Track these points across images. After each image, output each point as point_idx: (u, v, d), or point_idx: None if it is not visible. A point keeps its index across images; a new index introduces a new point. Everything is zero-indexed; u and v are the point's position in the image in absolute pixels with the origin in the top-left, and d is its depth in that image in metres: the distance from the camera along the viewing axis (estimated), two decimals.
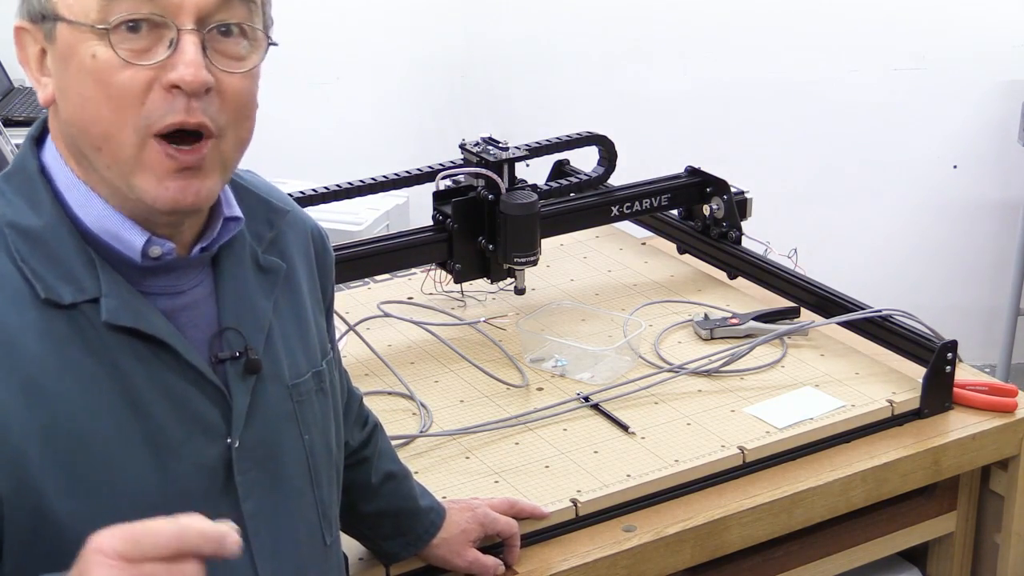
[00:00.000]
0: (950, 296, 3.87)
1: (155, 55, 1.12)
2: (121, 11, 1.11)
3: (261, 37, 1.18)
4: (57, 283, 1.14)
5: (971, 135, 3.80)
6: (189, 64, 1.11)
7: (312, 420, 1.31)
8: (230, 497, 1.22)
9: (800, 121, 3.78)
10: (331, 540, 1.35)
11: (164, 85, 1.12)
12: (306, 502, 1.30)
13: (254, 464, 1.23)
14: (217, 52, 1.14)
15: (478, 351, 2.07)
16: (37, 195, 1.17)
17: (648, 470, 1.76)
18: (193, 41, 1.12)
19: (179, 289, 1.21)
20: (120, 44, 1.11)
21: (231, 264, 1.25)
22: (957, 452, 1.90)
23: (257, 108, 1.20)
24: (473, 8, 3.72)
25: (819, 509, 1.81)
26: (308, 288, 1.35)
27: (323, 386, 1.33)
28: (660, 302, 2.24)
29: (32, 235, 1.15)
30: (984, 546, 2.03)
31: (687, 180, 2.34)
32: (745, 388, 1.97)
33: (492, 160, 2.10)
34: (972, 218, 3.88)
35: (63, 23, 1.13)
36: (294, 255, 1.33)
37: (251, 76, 1.17)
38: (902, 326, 2.02)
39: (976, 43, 3.72)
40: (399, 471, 1.59)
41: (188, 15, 1.12)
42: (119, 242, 1.17)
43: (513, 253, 2.10)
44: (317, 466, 1.31)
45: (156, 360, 1.17)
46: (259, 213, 1.30)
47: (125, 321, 1.15)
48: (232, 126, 1.17)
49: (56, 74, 1.16)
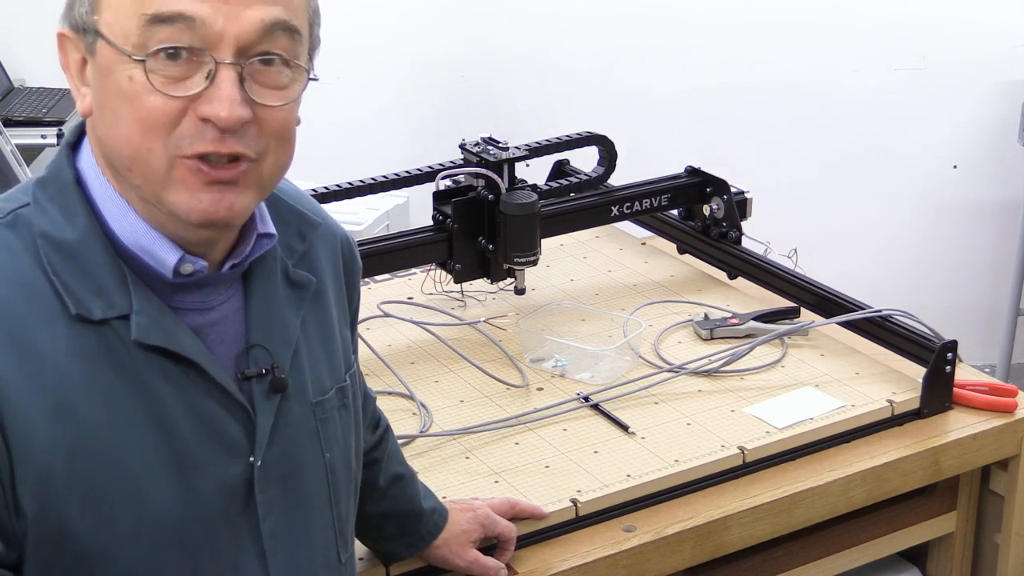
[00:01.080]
0: (950, 296, 3.87)
1: (191, 86, 1.10)
2: (161, 39, 1.09)
3: (303, 69, 1.16)
4: (88, 298, 1.13)
5: (971, 135, 3.80)
6: (224, 100, 1.10)
7: (334, 437, 1.30)
8: (250, 516, 1.22)
9: (800, 121, 3.78)
10: (346, 557, 1.35)
11: (198, 115, 1.10)
12: (324, 520, 1.30)
13: (275, 483, 1.23)
14: (256, 83, 1.12)
15: (478, 351, 2.07)
16: (72, 206, 1.16)
17: (648, 470, 1.76)
18: (230, 77, 1.10)
19: (209, 305, 1.20)
20: (156, 71, 1.09)
21: (261, 280, 1.24)
22: (957, 452, 1.90)
23: (297, 132, 1.18)
24: (473, 8, 3.72)
25: (819, 509, 1.81)
26: (336, 300, 1.34)
27: (346, 401, 1.33)
28: (660, 302, 2.24)
29: (65, 248, 1.14)
30: (984, 546, 2.03)
31: (687, 180, 2.34)
32: (745, 388, 1.97)
33: (492, 160, 2.10)
34: (972, 218, 3.88)
35: (103, 41, 1.12)
36: (324, 268, 1.33)
37: (293, 106, 1.16)
38: (902, 326, 2.02)
39: (976, 44, 3.72)
40: (406, 473, 1.58)
41: (228, 48, 1.10)
42: (151, 258, 1.16)
43: (513, 253, 2.10)
44: (336, 483, 1.31)
45: (183, 378, 1.17)
46: (292, 225, 1.29)
47: (155, 340, 1.15)
48: (272, 152, 1.15)
49: (94, 87, 1.15)
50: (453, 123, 3.66)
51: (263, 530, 1.22)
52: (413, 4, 3.71)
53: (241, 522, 1.21)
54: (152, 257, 1.16)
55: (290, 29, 1.13)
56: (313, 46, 1.18)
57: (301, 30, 1.15)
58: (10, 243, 1.14)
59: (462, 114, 3.74)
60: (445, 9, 3.71)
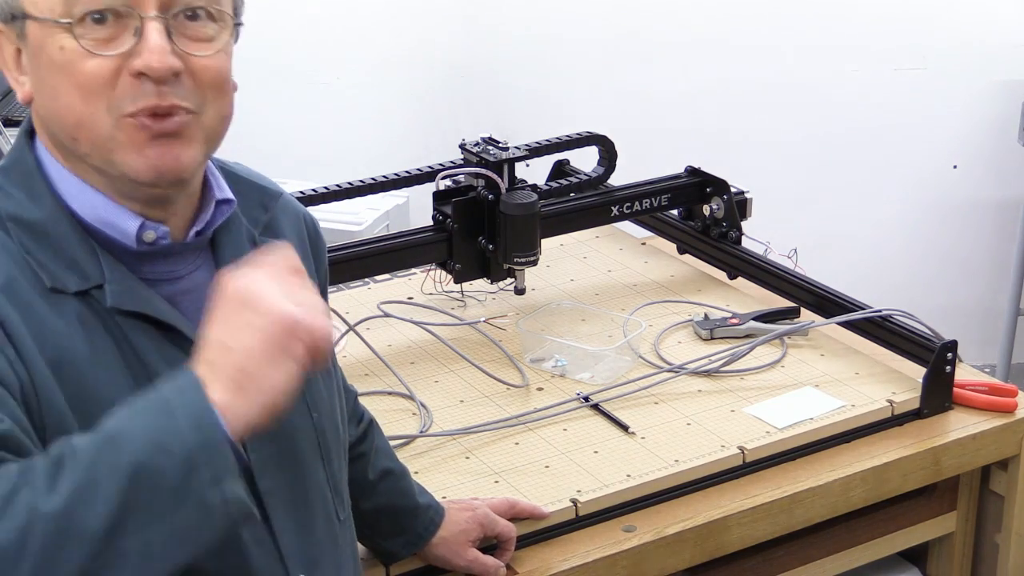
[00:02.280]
0: (950, 296, 3.87)
1: (121, 44, 1.13)
2: (85, 4, 1.13)
3: (228, 18, 1.19)
4: (62, 273, 1.16)
5: (971, 135, 3.80)
6: (153, 50, 1.13)
7: (319, 398, 1.32)
8: (244, 474, 1.22)
9: (800, 121, 3.77)
10: (344, 516, 1.36)
11: (131, 72, 1.13)
12: (318, 478, 1.31)
13: (266, 442, 1.24)
14: (184, 36, 1.15)
15: (478, 351, 2.07)
16: (36, 188, 1.19)
17: (648, 470, 1.76)
18: (157, 28, 1.13)
19: (178, 275, 1.22)
20: (85, 35, 1.13)
21: (229, 248, 1.26)
22: (957, 452, 1.90)
23: (234, 87, 1.21)
24: (474, 8, 3.72)
25: (819, 509, 1.81)
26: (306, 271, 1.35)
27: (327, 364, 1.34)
28: (660, 302, 2.24)
29: (35, 227, 1.17)
30: (984, 546, 2.03)
31: (687, 180, 2.34)
32: (745, 388, 1.97)
33: (492, 160, 2.10)
34: (972, 218, 3.87)
35: (31, 20, 1.15)
36: (290, 237, 1.34)
37: (222, 55, 1.18)
38: (902, 326, 2.02)
39: (976, 43, 3.72)
40: (397, 468, 1.59)
41: (150, 3, 1.13)
42: (114, 229, 1.18)
43: (513, 253, 2.10)
44: (327, 443, 1.32)
45: (167, 343, 1.19)
46: (253, 197, 1.32)
47: (131, 306, 1.17)
48: (210, 103, 1.18)
49: (30, 71, 1.18)
50: (453, 123, 3.66)
51: (260, 487, 1.23)
52: (413, 4, 3.71)
53: None
54: (114, 228, 1.18)
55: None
56: (237, 5, 1.21)
57: None
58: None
59: (462, 114, 3.74)
60: (445, 9, 3.71)
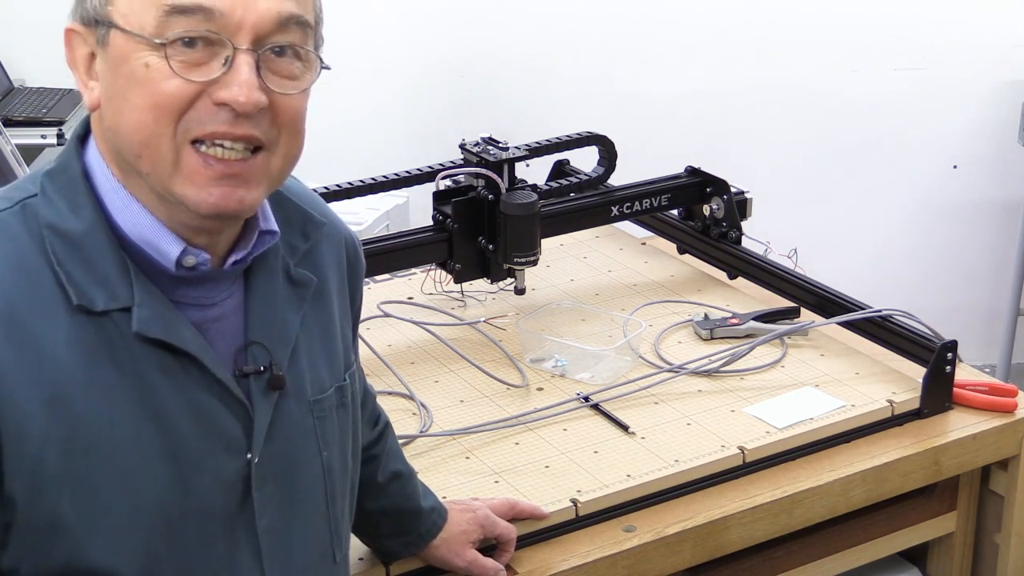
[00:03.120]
0: (950, 296, 3.87)
1: (209, 72, 1.12)
2: (179, 27, 1.11)
3: (314, 59, 1.18)
4: (91, 289, 1.14)
5: (971, 135, 3.80)
6: (243, 84, 1.12)
7: (331, 436, 1.31)
8: (246, 513, 1.22)
9: (800, 121, 3.78)
10: (340, 557, 1.35)
11: (215, 100, 1.12)
12: (320, 518, 1.30)
13: (272, 480, 1.23)
14: (271, 72, 1.15)
15: (478, 351, 2.07)
16: (78, 198, 1.17)
17: (648, 470, 1.76)
18: (248, 62, 1.13)
19: (211, 301, 1.21)
20: (174, 56, 1.12)
21: (262, 277, 1.25)
22: (957, 452, 1.90)
23: (305, 126, 1.20)
24: (473, 8, 3.72)
25: (819, 509, 1.81)
26: (338, 299, 1.35)
27: (344, 401, 1.33)
28: (660, 302, 2.24)
29: (70, 239, 1.15)
30: (984, 546, 2.03)
31: (687, 180, 2.34)
32: (745, 388, 1.97)
33: (492, 160, 2.10)
34: (972, 218, 3.88)
35: (117, 31, 1.13)
36: (327, 267, 1.33)
37: (304, 95, 1.18)
38: (902, 326, 2.02)
39: (976, 43, 3.72)
40: (406, 471, 1.59)
41: (246, 36, 1.12)
42: (154, 250, 1.17)
43: (513, 253, 2.10)
44: (333, 482, 1.31)
45: (182, 373, 1.17)
46: (296, 224, 1.30)
47: (155, 333, 1.15)
48: (283, 142, 1.17)
49: (104, 79, 1.16)
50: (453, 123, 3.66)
51: (259, 527, 1.22)
52: (413, 4, 3.71)
53: (238, 519, 1.21)
54: (155, 250, 1.17)
55: (302, 23, 1.17)
56: (318, 43, 1.21)
57: (311, 24, 1.18)
58: (17, 232, 1.15)
59: (462, 114, 3.74)
60: (445, 9, 3.71)
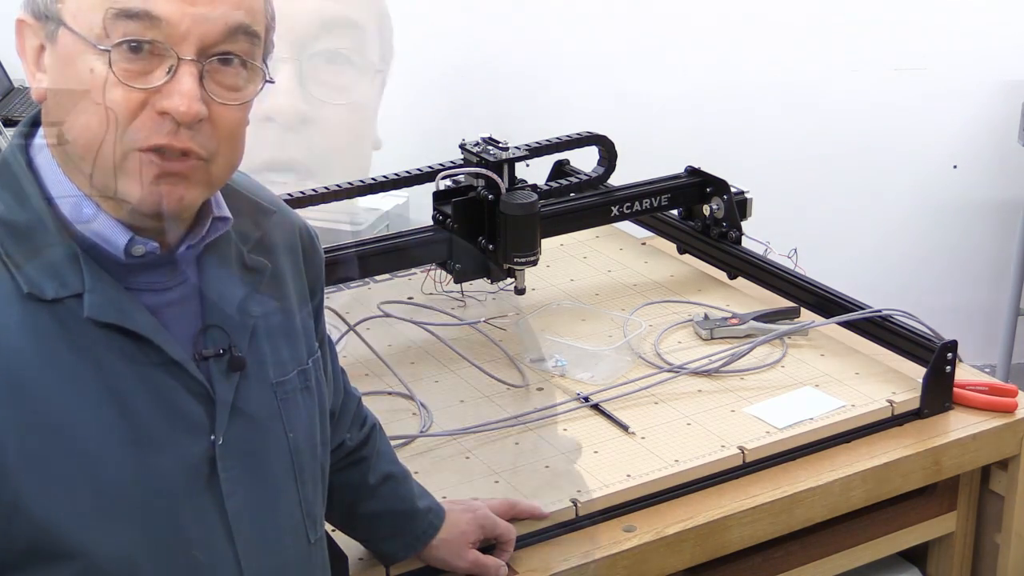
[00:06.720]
0: (950, 296, 3.86)
1: (152, 80, 1.13)
2: (125, 32, 1.12)
3: (259, 71, 1.19)
4: (40, 278, 1.15)
5: (971, 135, 3.80)
6: (184, 95, 1.13)
7: (297, 418, 1.31)
8: (213, 494, 1.22)
9: (800, 121, 3.77)
10: (315, 538, 1.35)
11: (156, 109, 1.13)
12: (290, 500, 1.30)
13: (238, 461, 1.24)
14: (214, 82, 1.15)
15: (478, 351, 2.07)
16: (24, 189, 1.18)
17: (648, 470, 1.76)
18: (191, 72, 1.13)
19: (165, 286, 1.22)
20: (119, 63, 1.12)
21: (215, 262, 1.26)
22: (957, 452, 1.90)
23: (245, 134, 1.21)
24: (473, 8, 3.72)
25: (819, 509, 1.81)
26: (295, 287, 1.35)
27: (308, 384, 1.34)
28: (660, 302, 2.24)
29: (17, 229, 1.16)
30: (984, 546, 2.03)
31: (687, 180, 2.34)
32: (745, 388, 1.97)
33: (492, 160, 2.10)
34: (972, 218, 3.87)
35: (66, 29, 1.14)
36: (280, 255, 1.34)
37: (245, 107, 1.19)
38: (902, 326, 2.02)
39: (977, 43, 3.71)
40: (398, 472, 1.59)
41: (191, 46, 1.13)
42: (103, 240, 1.18)
43: (513, 253, 2.10)
44: (301, 464, 1.31)
45: (140, 356, 1.18)
46: (246, 213, 1.31)
47: (108, 317, 1.16)
48: (222, 152, 1.18)
49: (51, 74, 1.17)
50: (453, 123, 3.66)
51: (228, 508, 1.23)
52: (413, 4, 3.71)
53: (206, 499, 1.22)
54: (103, 240, 1.18)
55: (250, 33, 1.17)
56: (267, 51, 1.21)
57: (260, 34, 1.18)
58: None
59: (462, 114, 3.74)
60: (445, 9, 3.71)
